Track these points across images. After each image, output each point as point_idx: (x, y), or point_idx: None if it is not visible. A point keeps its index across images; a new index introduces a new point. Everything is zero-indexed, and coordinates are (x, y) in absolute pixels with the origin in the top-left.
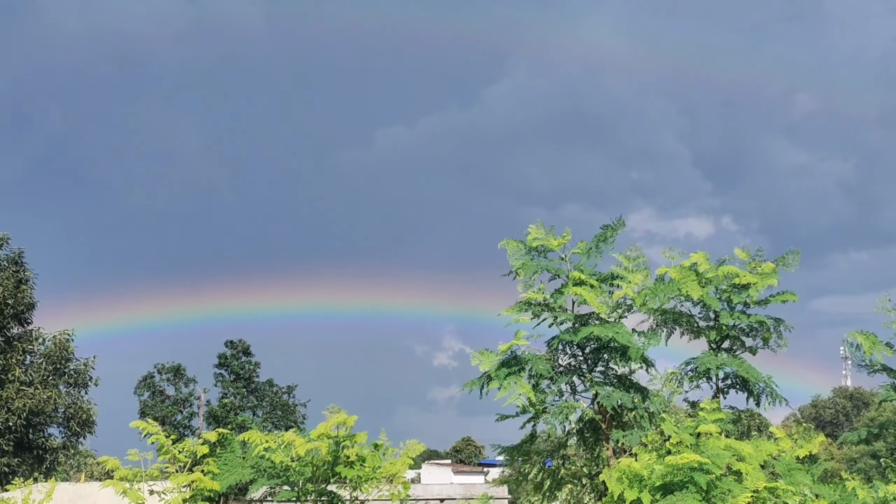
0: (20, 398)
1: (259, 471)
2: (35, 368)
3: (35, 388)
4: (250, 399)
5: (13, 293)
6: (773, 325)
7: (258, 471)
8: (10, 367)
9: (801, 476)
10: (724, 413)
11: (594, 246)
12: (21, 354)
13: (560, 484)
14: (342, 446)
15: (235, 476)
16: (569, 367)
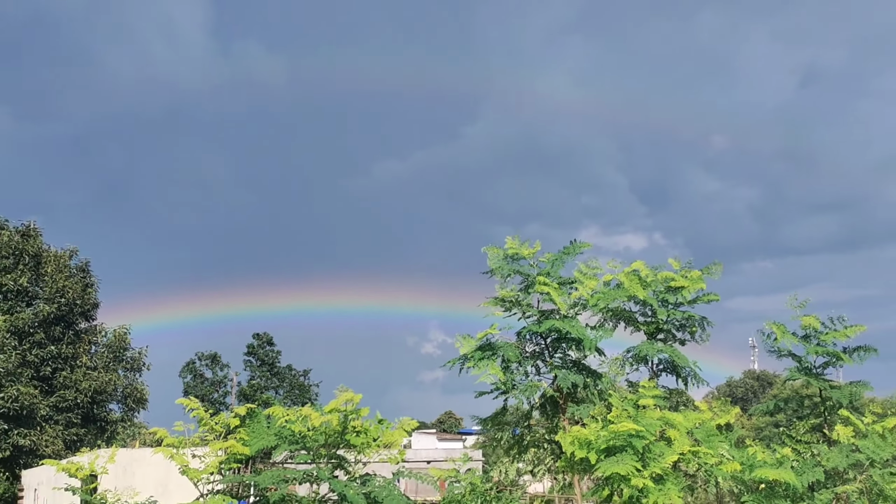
0: (86, 380)
1: (281, 438)
2: (98, 356)
3: (98, 372)
4: (273, 380)
5: (81, 295)
6: (699, 321)
7: (280, 438)
8: (79, 355)
9: (717, 441)
10: (659, 391)
11: (559, 257)
12: (87, 345)
13: (525, 448)
14: (349, 419)
15: (262, 443)
16: (533, 354)
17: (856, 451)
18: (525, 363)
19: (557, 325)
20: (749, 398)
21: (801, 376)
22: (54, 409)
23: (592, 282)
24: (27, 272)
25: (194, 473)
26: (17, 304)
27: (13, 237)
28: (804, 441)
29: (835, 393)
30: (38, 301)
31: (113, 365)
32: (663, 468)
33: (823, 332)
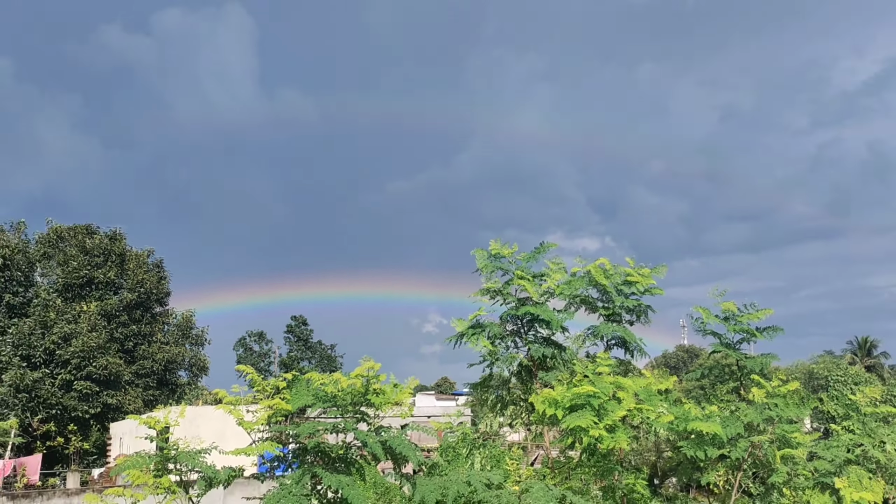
0: (160, 353)
1: (317, 398)
2: (170, 334)
3: (170, 346)
4: (307, 353)
5: (156, 286)
6: (645, 308)
7: (316, 398)
8: (154, 333)
9: (657, 401)
10: (611, 361)
11: (532, 256)
12: (161, 325)
13: (506, 405)
14: (371, 383)
15: (301, 401)
16: (512, 332)
17: (767, 409)
18: (506, 339)
19: (531, 310)
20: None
21: (722, 349)
22: (135, 375)
23: (558, 275)
24: (114, 268)
25: (248, 425)
26: (106, 293)
27: (103, 240)
28: (725, 400)
29: (749, 362)
30: (123, 290)
31: (181, 340)
32: (615, 421)
33: (740, 315)
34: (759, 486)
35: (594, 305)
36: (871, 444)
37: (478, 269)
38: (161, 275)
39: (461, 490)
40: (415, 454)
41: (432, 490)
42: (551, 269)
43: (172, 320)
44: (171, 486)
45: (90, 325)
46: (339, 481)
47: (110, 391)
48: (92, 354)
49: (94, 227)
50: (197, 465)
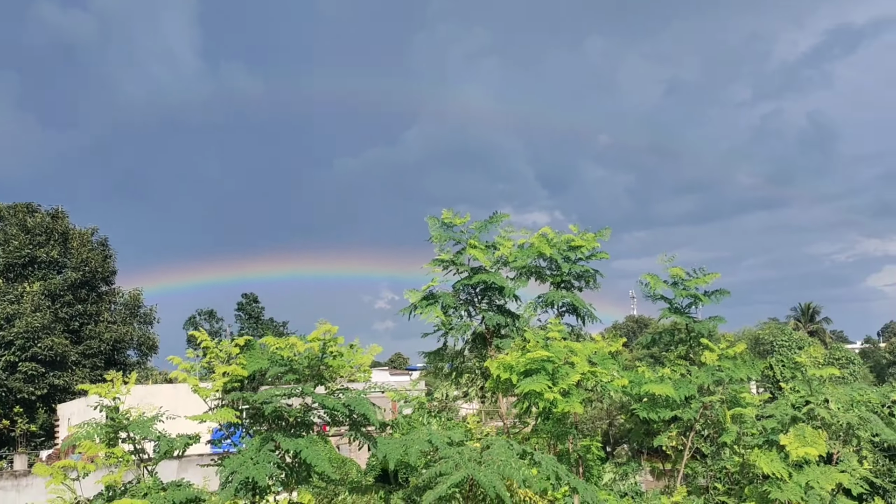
0: (108, 332)
1: (273, 362)
2: (117, 313)
3: (117, 325)
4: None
5: (101, 264)
6: (592, 274)
7: (272, 362)
8: (101, 312)
9: (609, 364)
10: (563, 327)
11: (485, 225)
12: (108, 304)
13: (461, 373)
14: (328, 345)
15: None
16: (466, 301)
17: (718, 371)
18: (460, 308)
19: (484, 278)
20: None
21: (671, 314)
22: (82, 356)
23: (509, 243)
24: (57, 247)
25: (203, 392)
26: (49, 273)
27: (44, 218)
28: (676, 364)
29: (697, 325)
30: (67, 270)
31: (129, 320)
32: (569, 385)
33: (687, 280)
34: (710, 446)
35: (543, 274)
36: (816, 402)
37: (430, 239)
38: (106, 253)
39: (423, 448)
40: (374, 414)
41: (394, 449)
42: (503, 238)
43: (119, 299)
44: (123, 455)
45: (33, 305)
46: (297, 444)
47: (56, 372)
48: (36, 335)
49: (36, 205)
50: (150, 433)
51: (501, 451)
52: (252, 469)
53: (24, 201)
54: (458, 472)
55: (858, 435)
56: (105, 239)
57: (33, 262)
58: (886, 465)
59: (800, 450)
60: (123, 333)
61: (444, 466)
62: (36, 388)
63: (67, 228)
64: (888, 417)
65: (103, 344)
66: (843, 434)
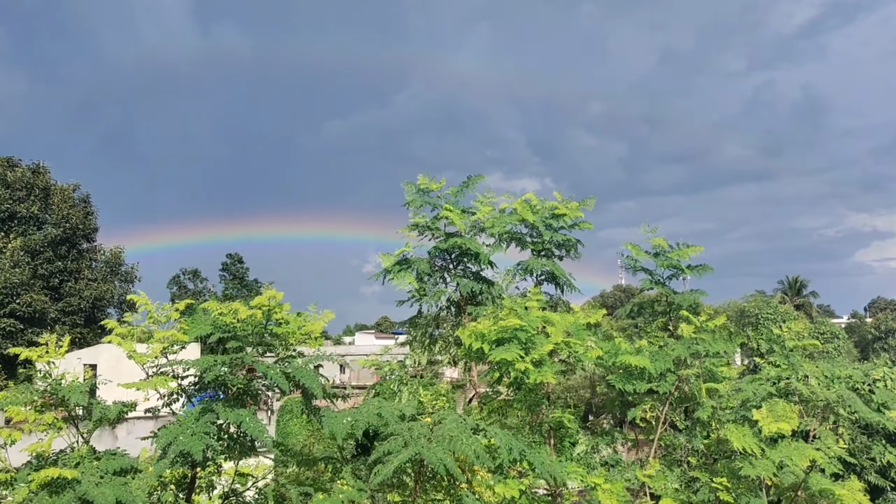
0: (88, 289)
1: (216, 328)
2: (98, 271)
3: (98, 283)
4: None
5: (83, 221)
6: (574, 243)
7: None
8: (81, 270)
9: (585, 335)
10: (542, 296)
11: (460, 190)
12: (88, 262)
13: (434, 340)
14: (272, 312)
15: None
16: (441, 267)
17: (695, 344)
18: (435, 275)
19: (458, 242)
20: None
21: (652, 286)
22: (62, 313)
23: (487, 208)
24: (37, 202)
25: (140, 358)
26: (29, 229)
27: (25, 173)
28: (655, 336)
29: (678, 298)
30: (47, 226)
31: (110, 278)
32: (542, 355)
33: (670, 252)
34: (684, 420)
35: (523, 241)
36: (795, 377)
37: (406, 204)
38: (88, 210)
39: (372, 422)
40: (318, 384)
41: (340, 423)
42: (480, 201)
43: (101, 257)
44: (55, 422)
45: (12, 260)
46: (237, 415)
47: (36, 329)
48: (15, 291)
49: (16, 159)
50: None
51: (453, 427)
52: (189, 441)
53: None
54: (406, 451)
55: (837, 412)
56: (87, 195)
57: (13, 217)
58: (864, 443)
59: (772, 425)
60: (104, 291)
61: (393, 444)
62: (15, 344)
63: (49, 184)
64: (869, 395)
65: (83, 301)
66: (820, 411)
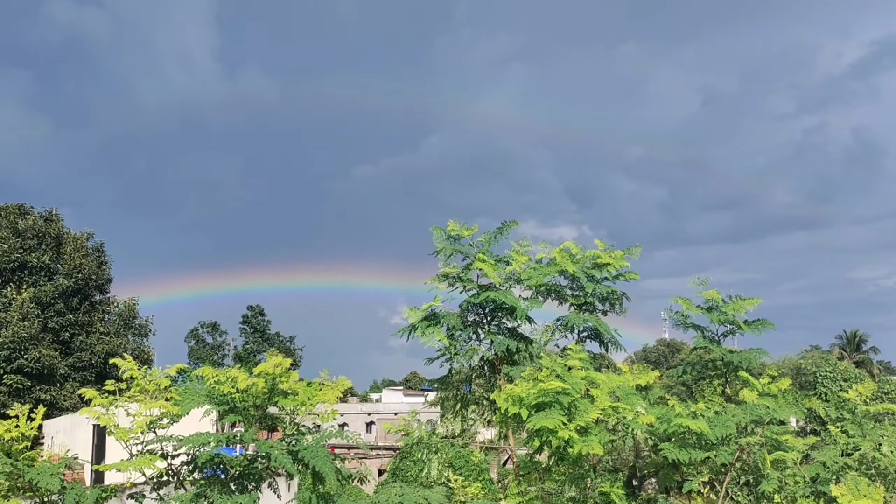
0: (100, 344)
1: (211, 399)
2: (111, 324)
3: (110, 337)
4: (264, 346)
5: (96, 271)
6: (619, 296)
7: (211, 399)
8: (93, 322)
9: (635, 399)
10: (584, 354)
11: (493, 237)
12: (101, 314)
13: (467, 404)
14: (278, 381)
15: (192, 403)
16: (474, 323)
17: (757, 409)
18: (466, 331)
19: (493, 296)
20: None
21: (705, 344)
22: (72, 369)
23: (523, 258)
24: (49, 251)
25: (122, 434)
26: (40, 279)
27: (37, 221)
28: (711, 399)
29: (734, 357)
30: (58, 276)
31: (123, 331)
32: (587, 422)
33: (724, 305)
34: (747, 494)
35: (563, 294)
36: (868, 446)
37: (436, 253)
38: (101, 259)
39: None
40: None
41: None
42: (516, 250)
43: (114, 309)
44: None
45: (22, 313)
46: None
47: (43, 386)
48: (23, 345)
49: (28, 206)
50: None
51: None
52: None
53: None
54: None
55: None
56: (101, 244)
57: (23, 267)
58: None
59: (854, 502)
60: (117, 346)
61: None
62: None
63: (61, 232)
64: None
65: (94, 357)
66: None
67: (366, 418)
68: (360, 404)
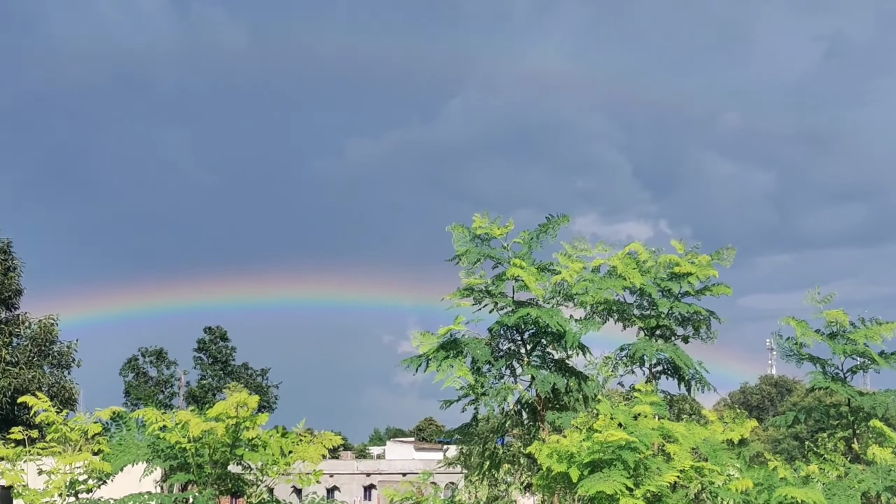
0: (5, 377)
1: (154, 451)
2: (21, 350)
3: (20, 368)
4: (227, 380)
5: (1, 280)
6: (706, 316)
7: (153, 451)
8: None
9: (726, 457)
10: (657, 397)
11: (535, 237)
12: (7, 337)
13: (498, 463)
14: (241, 428)
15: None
16: (508, 353)
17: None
18: (498, 364)
19: (534, 316)
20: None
21: (827, 382)
22: None
23: (576, 265)
24: None
25: (32, 497)
26: None
27: None
28: (831, 458)
29: (866, 401)
30: None
31: (37, 360)
32: (660, 487)
33: (853, 331)
34: None
35: (628, 314)
36: None
37: (456, 258)
38: (8, 264)
39: None
40: None
41: None
42: (567, 254)
43: (25, 331)
44: None
45: None
46: None
47: None
48: None
49: None
50: None
51: None
52: None
53: None
54: None
55: None
56: (8, 243)
57: None
58: None
59: None
60: (28, 380)
61: None
62: None
63: None
64: None
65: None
66: None
67: (363, 480)
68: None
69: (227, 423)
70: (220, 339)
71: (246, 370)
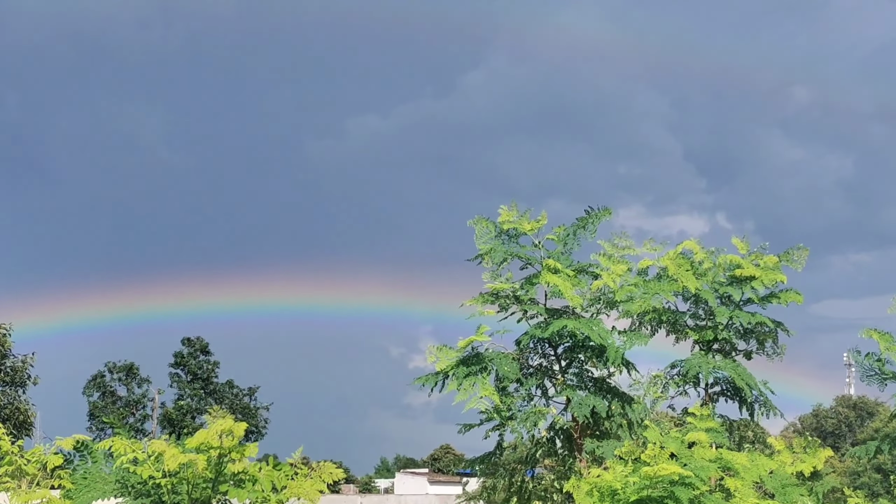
0: None
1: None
2: None
3: None
4: (208, 401)
5: None
6: (772, 328)
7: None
8: None
9: (796, 493)
10: (714, 422)
11: (572, 233)
12: None
13: (528, 500)
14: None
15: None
16: (539, 368)
17: None
18: (528, 382)
19: (570, 327)
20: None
21: None
22: None
23: (620, 266)
24: None
25: None
26: None
27: None
28: None
29: None
30: None
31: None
32: None
33: None
34: None
35: (680, 325)
36: None
37: (478, 257)
38: None
39: None
40: None
41: None
42: (608, 254)
43: None
44: None
45: None
46: None
47: None
48: None
49: None
50: None
51: None
52: None
53: None
54: None
55: None
56: None
57: None
58: None
59: None
60: None
61: None
62: None
63: None
64: None
65: None
66: None
67: None
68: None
69: (209, 455)
70: (201, 353)
71: (231, 389)
